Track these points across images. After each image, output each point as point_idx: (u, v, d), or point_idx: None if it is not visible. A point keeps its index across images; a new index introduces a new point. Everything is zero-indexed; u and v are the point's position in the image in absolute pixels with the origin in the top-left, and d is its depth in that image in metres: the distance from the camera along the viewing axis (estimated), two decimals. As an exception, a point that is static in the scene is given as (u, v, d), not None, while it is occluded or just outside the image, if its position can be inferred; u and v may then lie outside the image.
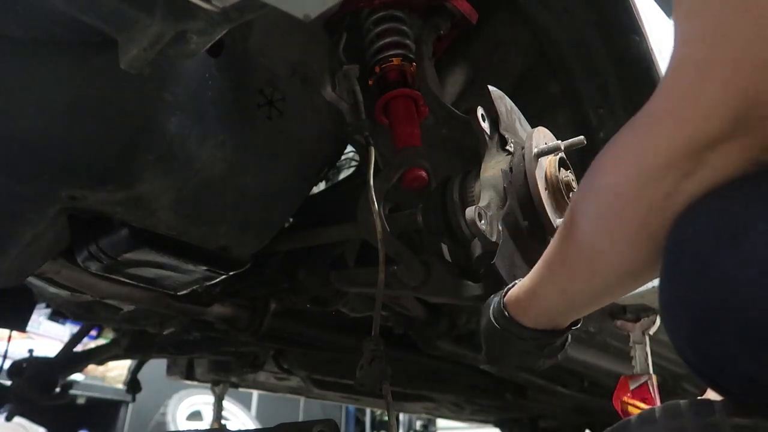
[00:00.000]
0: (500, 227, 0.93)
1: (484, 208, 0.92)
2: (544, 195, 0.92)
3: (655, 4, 1.45)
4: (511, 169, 0.95)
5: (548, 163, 0.95)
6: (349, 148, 1.46)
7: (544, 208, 0.92)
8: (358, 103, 1.12)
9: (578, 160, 1.18)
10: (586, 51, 1.20)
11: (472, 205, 0.94)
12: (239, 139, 1.00)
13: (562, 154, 0.96)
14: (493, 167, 0.96)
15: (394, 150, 1.11)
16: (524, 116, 1.07)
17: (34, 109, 0.82)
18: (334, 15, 1.11)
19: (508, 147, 0.97)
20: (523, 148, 0.96)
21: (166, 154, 0.91)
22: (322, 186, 1.74)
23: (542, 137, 0.97)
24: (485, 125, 0.98)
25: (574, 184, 0.95)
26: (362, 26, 1.16)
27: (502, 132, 0.98)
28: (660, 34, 1.24)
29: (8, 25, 0.76)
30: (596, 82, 1.20)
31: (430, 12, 1.17)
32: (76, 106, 0.83)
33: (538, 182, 0.92)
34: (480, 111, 0.99)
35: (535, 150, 0.94)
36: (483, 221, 0.91)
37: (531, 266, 0.97)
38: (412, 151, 1.08)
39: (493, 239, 0.91)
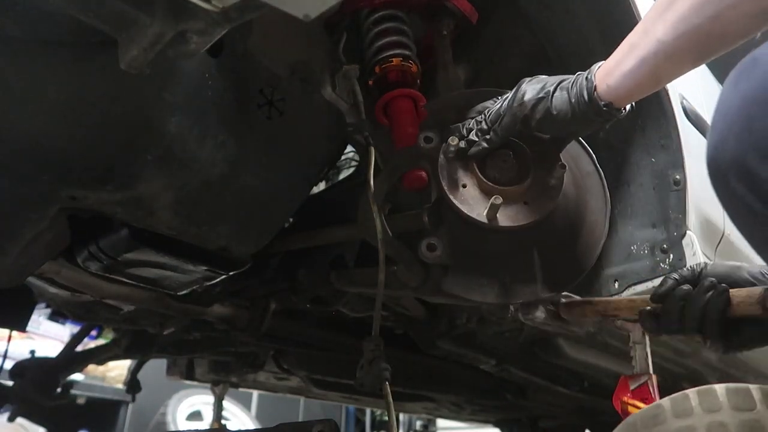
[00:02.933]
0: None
1: (435, 237, 0.94)
2: (453, 193, 0.94)
3: (655, 4, 1.45)
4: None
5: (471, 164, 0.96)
6: (349, 148, 1.46)
7: (457, 207, 0.93)
8: (358, 103, 1.12)
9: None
10: (586, 51, 1.20)
11: None
12: (239, 139, 1.00)
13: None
14: None
15: (394, 150, 1.11)
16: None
17: (34, 109, 0.82)
18: (334, 15, 1.11)
19: None
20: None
21: (166, 154, 0.91)
22: (322, 186, 1.74)
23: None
24: (431, 145, 0.99)
25: (507, 162, 0.96)
26: (362, 26, 1.16)
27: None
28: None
29: (8, 25, 0.76)
30: (596, 82, 1.20)
31: (430, 12, 1.17)
32: (76, 106, 0.83)
33: (445, 183, 0.94)
34: (421, 136, 1.00)
35: (441, 156, 0.96)
36: (437, 251, 0.92)
37: (518, 255, 0.97)
38: (411, 152, 1.08)
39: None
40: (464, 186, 0.95)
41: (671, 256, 1.11)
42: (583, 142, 1.08)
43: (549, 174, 0.95)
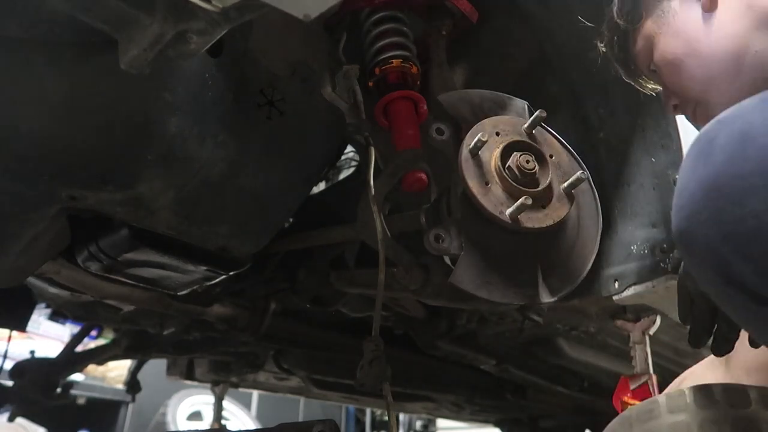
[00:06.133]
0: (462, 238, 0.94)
1: (445, 226, 0.93)
2: (479, 190, 0.93)
3: (655, 4, 1.44)
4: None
5: (492, 154, 0.96)
6: (349, 148, 1.46)
7: (482, 205, 0.93)
8: (358, 103, 1.12)
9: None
10: (585, 51, 1.20)
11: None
12: (239, 139, 1.00)
13: (523, 137, 0.97)
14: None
15: (394, 152, 1.11)
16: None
17: (34, 109, 0.82)
18: (334, 15, 1.11)
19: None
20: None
21: (166, 154, 0.91)
22: (322, 186, 1.74)
23: (492, 128, 0.98)
24: (443, 138, 0.99)
25: (529, 165, 0.96)
26: (362, 27, 1.15)
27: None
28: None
29: (8, 25, 0.76)
30: (596, 82, 1.20)
31: (430, 12, 1.17)
32: (76, 106, 0.83)
33: (470, 181, 0.94)
34: (434, 127, 1.00)
35: (464, 151, 0.95)
36: (444, 242, 0.92)
37: (524, 257, 0.97)
38: (411, 154, 1.08)
39: (460, 252, 0.93)
40: (487, 183, 0.95)
41: (671, 255, 1.10)
42: (580, 161, 1.08)
43: (567, 181, 0.97)
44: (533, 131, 1.02)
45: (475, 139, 0.96)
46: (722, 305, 0.66)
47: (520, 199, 0.92)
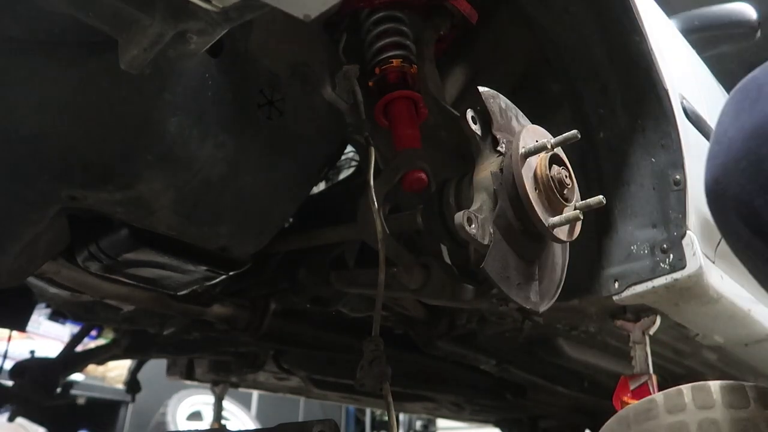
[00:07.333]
0: (491, 229, 0.93)
1: (474, 212, 0.92)
2: (533, 195, 0.93)
3: (655, 4, 1.45)
4: (501, 170, 0.95)
5: (538, 161, 0.95)
6: (349, 148, 1.46)
7: (534, 208, 0.92)
8: (358, 103, 1.12)
9: (578, 160, 1.18)
10: (586, 51, 1.20)
11: (468, 207, 0.94)
12: (239, 139, 1.00)
13: (557, 151, 0.97)
14: (485, 169, 0.97)
15: (394, 152, 1.11)
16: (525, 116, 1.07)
17: (34, 109, 0.82)
18: (334, 15, 1.11)
19: (499, 148, 0.97)
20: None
21: (166, 154, 0.91)
22: (322, 186, 1.75)
23: (532, 136, 0.97)
24: (476, 127, 0.98)
25: (567, 180, 0.95)
26: (362, 27, 1.16)
27: (494, 132, 0.98)
28: (660, 34, 1.24)
29: (8, 25, 0.76)
30: (596, 82, 1.20)
31: (429, 12, 1.17)
32: (76, 106, 0.83)
33: (526, 182, 0.92)
34: (470, 113, 0.99)
35: (521, 150, 0.94)
36: (473, 225, 0.91)
37: (527, 263, 0.97)
38: (411, 153, 1.08)
39: (485, 242, 0.91)
40: (536, 189, 0.95)
41: (671, 256, 1.11)
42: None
43: (582, 201, 0.97)
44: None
45: (534, 143, 0.95)
46: (745, 260, 0.64)
47: (573, 213, 0.93)
